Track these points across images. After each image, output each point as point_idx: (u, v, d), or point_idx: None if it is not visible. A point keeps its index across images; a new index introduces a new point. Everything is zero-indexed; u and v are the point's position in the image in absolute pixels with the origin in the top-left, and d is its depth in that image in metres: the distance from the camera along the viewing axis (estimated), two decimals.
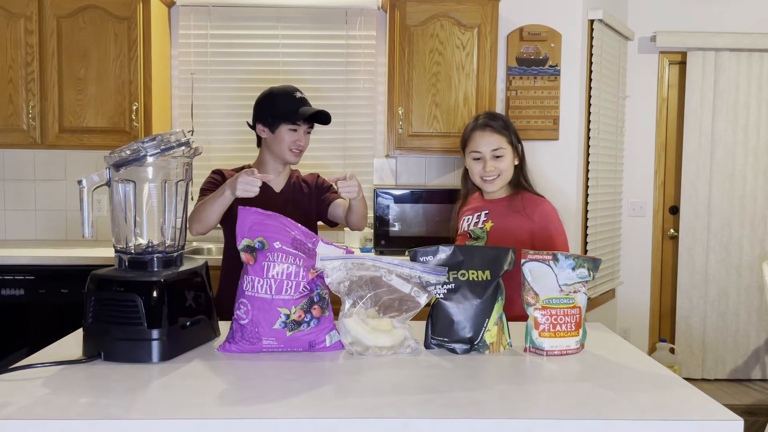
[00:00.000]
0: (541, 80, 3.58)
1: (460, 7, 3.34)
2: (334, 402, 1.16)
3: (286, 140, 2.20)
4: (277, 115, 2.19)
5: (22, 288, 3.04)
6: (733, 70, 4.10)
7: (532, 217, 2.01)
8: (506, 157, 2.05)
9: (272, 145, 2.23)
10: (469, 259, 1.49)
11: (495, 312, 1.48)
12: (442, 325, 1.48)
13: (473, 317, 1.47)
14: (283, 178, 2.31)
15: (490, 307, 1.48)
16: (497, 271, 1.50)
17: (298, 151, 2.23)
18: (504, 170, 2.05)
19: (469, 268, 1.49)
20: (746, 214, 4.16)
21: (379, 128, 3.74)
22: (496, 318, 1.48)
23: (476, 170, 2.07)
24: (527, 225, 2.01)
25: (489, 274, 1.49)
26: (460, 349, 1.46)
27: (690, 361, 4.21)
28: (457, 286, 1.48)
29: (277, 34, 3.68)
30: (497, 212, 2.06)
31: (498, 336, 1.48)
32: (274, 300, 1.42)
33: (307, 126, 2.24)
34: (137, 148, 1.41)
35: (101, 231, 3.42)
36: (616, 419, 1.08)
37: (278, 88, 2.27)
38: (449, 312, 1.48)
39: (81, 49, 3.26)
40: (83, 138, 3.30)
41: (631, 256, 4.27)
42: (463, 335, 1.46)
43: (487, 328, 1.47)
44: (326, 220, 2.36)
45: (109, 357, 1.37)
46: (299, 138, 2.21)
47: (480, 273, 1.49)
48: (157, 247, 1.48)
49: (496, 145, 2.04)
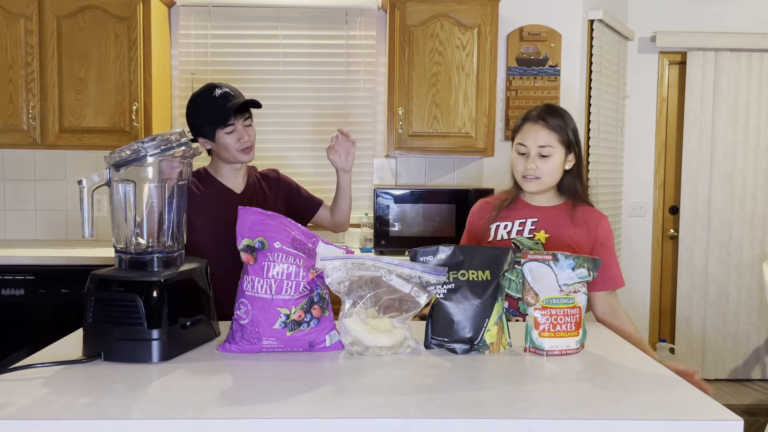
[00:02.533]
0: (541, 80, 3.58)
1: (460, 7, 3.34)
2: (334, 402, 1.16)
3: (230, 144, 2.05)
4: (206, 123, 2.05)
5: (22, 288, 3.04)
6: (733, 70, 4.10)
7: (596, 231, 1.86)
8: (553, 159, 1.83)
9: (220, 152, 2.10)
10: (470, 259, 1.49)
11: (495, 312, 1.48)
12: (442, 325, 1.48)
13: (473, 317, 1.46)
14: (241, 178, 2.18)
15: (490, 307, 1.47)
16: (497, 271, 1.49)
17: (247, 148, 2.08)
18: (547, 173, 1.83)
19: (470, 268, 1.49)
20: (746, 214, 4.16)
21: (379, 128, 3.74)
22: (496, 318, 1.48)
23: (519, 165, 1.86)
24: (588, 240, 1.86)
25: (489, 274, 1.48)
26: (460, 349, 1.46)
27: (690, 361, 4.21)
28: (457, 286, 1.48)
29: (277, 34, 3.68)
30: (551, 222, 1.87)
31: (498, 336, 1.48)
32: (274, 300, 1.42)
33: (243, 120, 2.08)
34: (137, 148, 1.41)
35: (101, 231, 3.41)
36: (616, 419, 1.08)
37: (197, 94, 2.10)
38: (449, 312, 1.47)
39: (81, 49, 3.26)
40: (83, 138, 3.30)
41: (631, 256, 4.27)
42: (463, 335, 1.46)
43: (487, 328, 1.47)
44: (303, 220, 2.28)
45: (109, 357, 1.37)
46: (240, 135, 2.06)
47: (480, 273, 1.48)
48: (157, 247, 1.48)
49: (544, 141, 1.82)
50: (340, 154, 2.16)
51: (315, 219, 2.34)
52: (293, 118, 3.71)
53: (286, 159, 3.67)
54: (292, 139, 3.71)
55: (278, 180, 2.29)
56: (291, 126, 3.71)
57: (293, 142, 3.71)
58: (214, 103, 2.04)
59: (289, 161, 3.66)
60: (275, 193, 2.24)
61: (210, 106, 2.04)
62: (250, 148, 2.10)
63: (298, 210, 2.28)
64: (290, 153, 3.70)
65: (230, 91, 2.07)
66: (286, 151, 3.70)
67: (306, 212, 2.31)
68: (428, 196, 3.33)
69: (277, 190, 2.25)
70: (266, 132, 3.60)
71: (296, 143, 3.71)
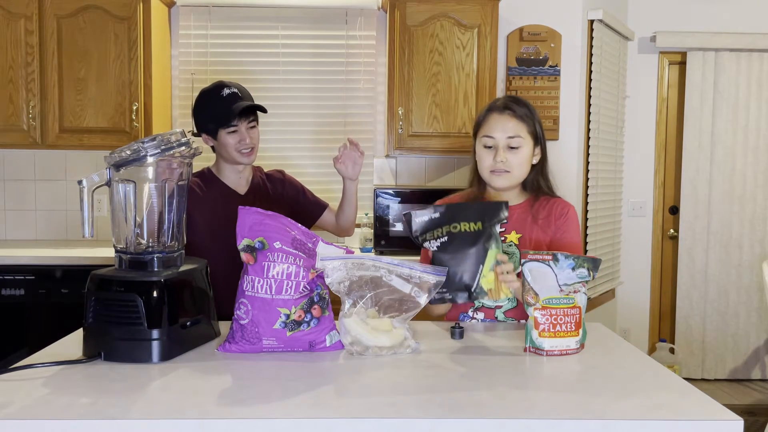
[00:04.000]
0: (541, 80, 3.58)
1: (460, 7, 3.34)
2: (334, 402, 1.16)
3: (231, 144, 2.06)
4: (211, 121, 2.06)
5: (22, 288, 3.04)
6: (733, 70, 4.10)
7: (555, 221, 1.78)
8: (523, 151, 1.73)
9: (221, 151, 2.11)
10: (462, 213, 1.55)
11: (489, 258, 1.51)
12: None
13: (468, 265, 1.50)
14: (245, 179, 2.18)
15: (483, 253, 1.51)
16: (489, 222, 1.53)
17: (247, 150, 2.09)
18: (517, 166, 1.73)
19: (462, 220, 1.54)
20: (746, 214, 4.16)
21: (379, 128, 3.74)
22: (492, 264, 1.51)
23: (486, 160, 1.73)
24: (550, 233, 1.78)
25: (480, 225, 1.53)
26: (460, 297, 1.50)
27: (690, 361, 4.21)
28: (450, 238, 1.52)
29: (277, 34, 3.68)
30: (519, 221, 1.77)
31: (496, 283, 1.50)
32: (274, 300, 1.42)
33: (247, 122, 2.08)
34: (137, 148, 1.41)
35: (101, 231, 3.41)
36: (616, 419, 1.08)
37: (206, 90, 2.10)
38: (444, 264, 1.51)
39: (81, 49, 3.26)
40: (83, 138, 3.30)
41: (631, 256, 4.27)
42: (460, 284, 1.50)
43: (483, 275, 1.50)
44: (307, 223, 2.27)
45: (109, 357, 1.37)
46: (243, 137, 2.06)
47: (472, 225, 1.53)
48: (157, 247, 1.48)
49: (514, 132, 1.71)
50: (346, 164, 2.14)
51: (319, 222, 2.33)
52: (293, 118, 3.71)
53: (286, 159, 3.67)
54: (291, 139, 3.71)
55: (283, 181, 2.28)
56: (291, 126, 3.71)
57: (293, 142, 3.71)
58: (220, 103, 2.04)
59: (289, 161, 3.66)
60: (280, 194, 2.23)
61: (216, 105, 2.05)
62: (251, 151, 2.10)
63: (302, 212, 2.27)
64: (290, 153, 3.70)
65: (238, 92, 2.08)
66: (285, 151, 3.70)
67: (310, 215, 2.30)
68: (428, 196, 3.32)
69: (282, 192, 2.24)
70: (266, 132, 3.58)
71: (296, 143, 3.71)
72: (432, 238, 1.53)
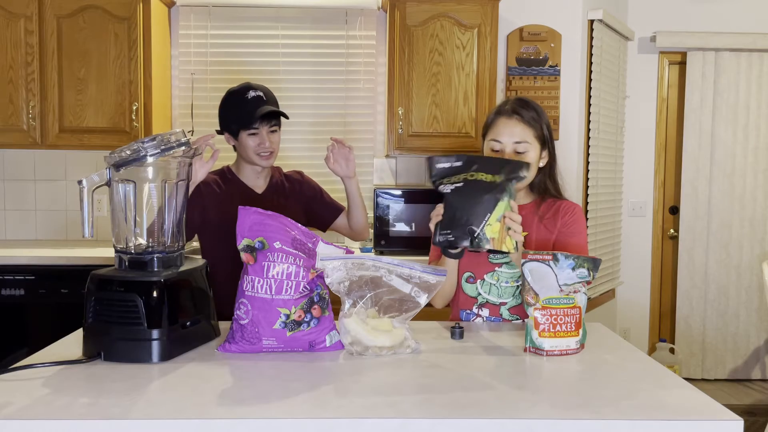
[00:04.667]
0: (541, 80, 3.58)
1: (460, 7, 3.34)
2: (334, 402, 1.16)
3: (250, 146, 2.09)
4: (233, 121, 2.10)
5: (22, 288, 3.04)
6: (733, 70, 4.10)
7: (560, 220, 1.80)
8: (530, 155, 1.76)
9: (240, 151, 2.15)
10: (483, 164, 1.55)
11: (498, 209, 1.51)
12: (447, 219, 1.53)
13: (476, 211, 1.50)
14: (264, 178, 2.21)
15: (493, 203, 1.51)
16: (507, 177, 1.53)
17: (266, 154, 2.11)
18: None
19: (481, 171, 1.54)
20: (746, 214, 4.16)
21: (379, 128, 3.74)
22: (499, 215, 1.51)
23: None
24: (555, 233, 1.80)
25: (498, 177, 1.53)
26: (463, 240, 1.50)
27: (690, 361, 4.21)
28: (465, 184, 1.53)
29: (277, 34, 3.68)
30: (526, 221, 1.77)
31: (501, 233, 1.50)
32: (274, 300, 1.42)
33: (268, 126, 2.10)
34: (137, 148, 1.41)
35: (101, 231, 3.41)
36: (616, 419, 1.08)
37: (232, 90, 2.13)
38: (453, 206, 1.53)
39: (81, 49, 3.26)
40: (83, 138, 3.30)
41: (631, 256, 4.27)
42: (464, 228, 1.50)
43: (489, 223, 1.50)
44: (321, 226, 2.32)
45: (109, 357, 1.37)
46: (262, 141, 2.09)
47: (489, 176, 1.53)
48: (157, 247, 1.48)
49: (520, 137, 1.75)
50: (339, 162, 2.15)
51: (334, 226, 2.34)
52: (293, 117, 3.67)
53: (286, 159, 3.66)
54: (291, 139, 3.70)
55: (301, 182, 2.30)
56: (291, 126, 3.70)
57: (293, 141, 3.71)
58: (245, 105, 2.07)
59: (289, 161, 3.66)
60: (297, 195, 2.25)
61: (240, 106, 2.08)
62: (270, 155, 2.13)
63: (318, 214, 2.31)
64: (290, 153, 3.70)
65: (263, 95, 2.10)
66: (285, 150, 3.69)
67: (325, 218, 2.33)
68: (428, 196, 3.32)
69: (300, 193, 2.26)
70: None
71: (296, 143, 3.71)
72: (448, 183, 1.55)
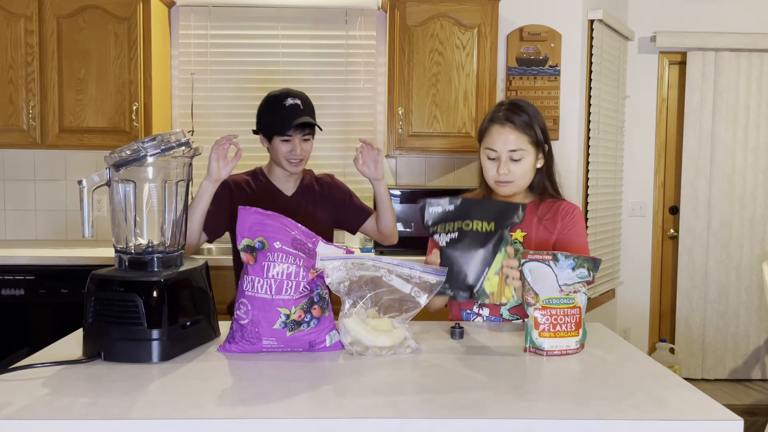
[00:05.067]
0: (541, 80, 3.58)
1: (460, 7, 3.34)
2: (334, 402, 1.16)
3: (282, 152, 2.13)
4: (269, 126, 2.13)
5: (22, 288, 3.04)
6: (733, 70, 4.10)
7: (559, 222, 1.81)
8: (525, 161, 1.75)
9: (272, 154, 2.19)
10: (476, 211, 1.52)
11: (496, 262, 1.50)
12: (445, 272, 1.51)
13: (473, 266, 1.49)
14: (294, 181, 2.25)
15: (491, 256, 1.49)
16: (502, 224, 1.51)
17: (296, 161, 2.15)
18: (520, 176, 1.77)
19: (475, 218, 1.52)
20: (746, 214, 4.16)
21: (379, 128, 3.74)
22: (497, 268, 1.50)
23: (490, 171, 1.78)
24: (555, 233, 1.81)
25: (494, 225, 1.51)
26: (461, 296, 1.50)
27: (690, 361, 4.21)
28: (461, 235, 1.51)
29: (277, 34, 3.68)
30: (526, 221, 1.78)
31: (499, 286, 1.49)
32: (274, 300, 1.42)
33: (301, 134, 2.13)
34: (137, 148, 1.41)
35: (101, 231, 3.41)
36: (616, 419, 1.08)
37: (272, 96, 2.16)
38: (451, 260, 1.51)
39: (81, 49, 3.26)
40: (83, 138, 3.30)
41: (631, 256, 4.27)
42: (463, 282, 1.49)
43: (487, 277, 1.49)
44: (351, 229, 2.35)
45: (109, 357, 1.37)
46: (294, 148, 2.12)
47: (485, 224, 1.51)
48: (157, 247, 1.48)
49: (515, 145, 1.74)
50: (368, 164, 2.14)
51: (363, 228, 2.35)
52: None
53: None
54: None
55: (331, 185, 2.33)
56: None
57: None
58: (281, 112, 2.11)
59: None
60: (327, 198, 2.28)
61: (276, 112, 2.11)
62: (299, 162, 2.16)
63: (347, 217, 2.33)
64: None
65: (300, 104, 2.13)
66: None
67: (353, 222, 2.34)
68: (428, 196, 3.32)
69: (329, 196, 2.29)
70: None
71: None
72: (443, 232, 1.52)
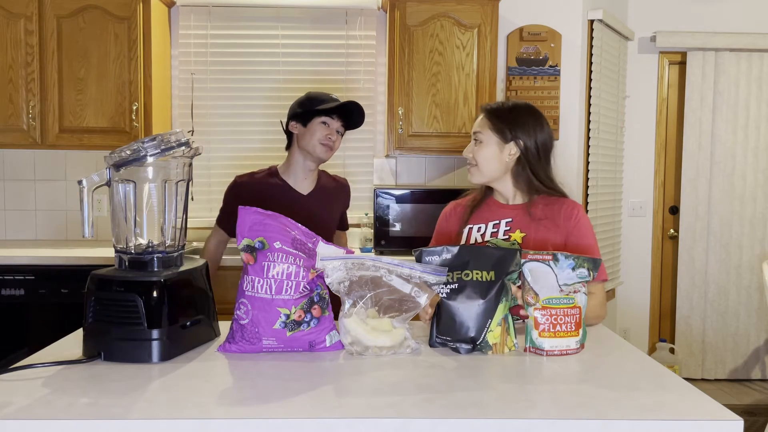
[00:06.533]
0: (541, 80, 3.58)
1: (460, 7, 3.34)
2: (334, 402, 1.16)
3: (318, 133, 2.21)
4: (311, 108, 2.21)
5: (22, 288, 3.04)
6: (733, 70, 4.10)
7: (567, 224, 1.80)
8: (486, 146, 1.80)
9: (303, 140, 2.24)
10: (475, 260, 1.49)
11: (499, 313, 1.47)
12: (446, 325, 1.48)
13: (476, 317, 1.46)
14: (310, 181, 2.31)
15: (493, 307, 1.47)
16: (502, 272, 1.48)
17: (329, 144, 2.22)
18: (482, 160, 1.80)
19: (474, 268, 1.48)
20: (746, 214, 4.16)
21: (379, 128, 3.73)
22: (500, 319, 1.47)
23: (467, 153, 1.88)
24: (561, 236, 1.79)
25: (494, 274, 1.48)
26: (463, 349, 1.46)
27: (690, 361, 4.21)
28: (461, 286, 1.47)
29: (277, 34, 3.68)
30: (523, 220, 1.80)
31: (502, 337, 1.47)
32: (274, 300, 1.42)
33: (339, 124, 2.24)
34: (137, 148, 1.41)
35: (101, 231, 3.41)
36: (616, 419, 1.08)
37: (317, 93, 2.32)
38: (452, 312, 1.47)
39: (81, 49, 3.26)
40: (83, 138, 3.30)
41: (631, 256, 4.27)
42: (465, 335, 1.46)
43: (490, 329, 1.46)
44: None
45: (109, 357, 1.37)
46: (331, 132, 2.22)
47: (485, 273, 1.48)
48: (157, 247, 1.48)
49: (478, 127, 1.83)
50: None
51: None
52: None
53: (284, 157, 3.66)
54: None
55: (345, 190, 2.45)
56: None
57: None
58: (328, 100, 2.23)
59: None
60: (341, 203, 2.39)
61: (322, 100, 2.23)
62: (331, 148, 2.24)
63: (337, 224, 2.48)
64: None
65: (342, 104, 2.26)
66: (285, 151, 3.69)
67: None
68: (428, 196, 3.33)
69: (344, 201, 2.41)
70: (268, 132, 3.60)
71: None
72: (438, 283, 1.46)
